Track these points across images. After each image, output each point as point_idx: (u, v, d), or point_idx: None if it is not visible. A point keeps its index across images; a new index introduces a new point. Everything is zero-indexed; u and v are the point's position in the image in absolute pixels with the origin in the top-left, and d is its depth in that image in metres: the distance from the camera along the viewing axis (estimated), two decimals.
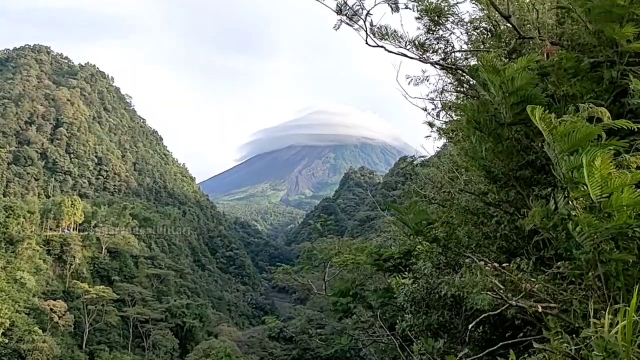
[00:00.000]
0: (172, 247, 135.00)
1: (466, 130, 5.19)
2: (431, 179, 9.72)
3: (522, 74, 4.14)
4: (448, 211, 6.84)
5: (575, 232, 3.34)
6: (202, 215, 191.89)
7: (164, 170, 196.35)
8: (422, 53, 7.04)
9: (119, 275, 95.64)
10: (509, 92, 4.25)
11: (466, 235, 6.19)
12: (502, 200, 5.39)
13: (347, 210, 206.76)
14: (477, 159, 5.14)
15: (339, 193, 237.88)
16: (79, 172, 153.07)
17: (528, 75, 4.16)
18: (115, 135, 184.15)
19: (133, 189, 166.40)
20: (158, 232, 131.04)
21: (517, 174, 4.90)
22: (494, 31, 7.17)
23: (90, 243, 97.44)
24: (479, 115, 4.74)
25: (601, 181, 3.05)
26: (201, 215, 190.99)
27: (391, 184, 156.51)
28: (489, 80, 4.29)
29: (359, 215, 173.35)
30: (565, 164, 3.32)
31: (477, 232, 5.95)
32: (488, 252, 5.76)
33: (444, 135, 9.75)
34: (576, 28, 5.13)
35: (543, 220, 3.89)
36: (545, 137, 3.40)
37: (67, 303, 77.55)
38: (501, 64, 4.21)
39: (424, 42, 7.06)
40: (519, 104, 4.30)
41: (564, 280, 3.84)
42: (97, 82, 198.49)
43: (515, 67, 4.13)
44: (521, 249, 5.11)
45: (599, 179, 3.05)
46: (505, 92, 4.26)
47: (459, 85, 8.34)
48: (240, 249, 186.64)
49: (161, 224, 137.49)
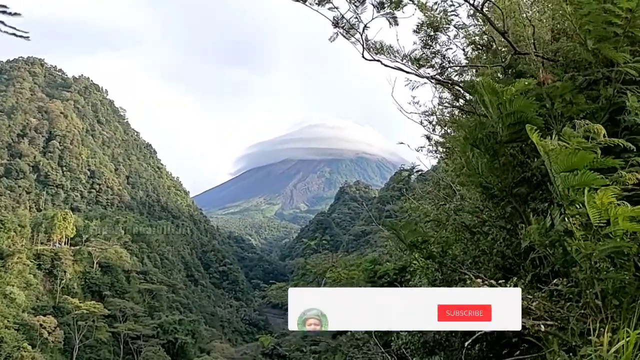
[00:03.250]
0: (165, 262, 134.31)
1: (462, 146, 5.21)
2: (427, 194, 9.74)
3: (520, 98, 4.19)
4: (444, 227, 6.84)
5: (572, 250, 3.36)
6: (195, 229, 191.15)
7: (158, 184, 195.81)
8: (418, 68, 7.10)
9: (110, 290, 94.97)
10: (506, 112, 4.29)
11: (462, 251, 6.19)
12: (498, 216, 5.40)
13: (342, 225, 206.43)
14: (473, 175, 5.16)
15: (334, 207, 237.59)
16: (71, 186, 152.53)
17: (526, 101, 4.20)
18: (108, 148, 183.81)
19: (126, 203, 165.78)
20: (151, 247, 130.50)
21: (513, 190, 4.91)
22: (490, 47, 7.23)
23: (82, 257, 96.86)
24: (475, 132, 4.77)
25: (601, 209, 3.12)
26: (195, 229, 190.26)
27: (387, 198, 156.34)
28: (488, 100, 4.32)
29: (354, 230, 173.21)
30: (562, 182, 3.35)
31: (473, 249, 5.95)
32: (484, 268, 5.75)
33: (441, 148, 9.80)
34: (572, 45, 5.18)
35: (540, 236, 3.89)
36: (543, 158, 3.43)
37: (57, 319, 76.93)
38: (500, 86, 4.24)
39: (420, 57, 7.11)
40: (515, 125, 4.34)
41: (561, 298, 3.83)
42: (91, 95, 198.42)
43: (513, 90, 4.17)
44: (517, 266, 5.11)
45: (599, 208, 3.12)
46: (503, 113, 4.30)
47: (455, 99, 8.39)
48: (234, 264, 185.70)
49: (154, 238, 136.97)
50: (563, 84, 4.66)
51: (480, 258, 5.89)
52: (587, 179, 3.22)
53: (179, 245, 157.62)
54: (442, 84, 7.88)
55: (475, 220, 6.12)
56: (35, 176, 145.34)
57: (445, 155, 9.71)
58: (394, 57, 6.87)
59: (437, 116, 9.15)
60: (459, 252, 6.26)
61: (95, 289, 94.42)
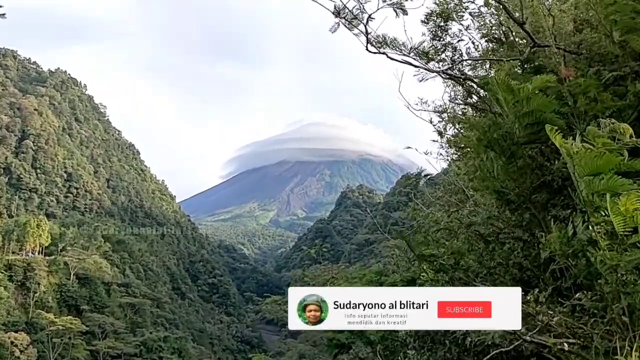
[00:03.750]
0: (149, 273, 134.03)
1: (476, 147, 5.21)
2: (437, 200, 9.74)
3: (538, 96, 4.18)
4: (455, 236, 6.85)
5: (597, 261, 3.36)
6: (182, 237, 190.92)
7: (141, 188, 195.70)
8: (426, 61, 7.10)
9: (88, 304, 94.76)
10: (523, 112, 4.29)
11: (476, 262, 6.19)
12: (516, 224, 5.40)
13: (343, 233, 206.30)
14: (487, 179, 5.16)
15: (334, 214, 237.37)
16: (46, 190, 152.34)
17: (544, 99, 4.20)
18: (87, 149, 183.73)
19: (106, 209, 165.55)
20: (133, 257, 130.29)
21: (532, 195, 4.92)
22: (507, 38, 7.24)
23: (57, 268, 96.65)
24: (490, 132, 4.77)
25: (627, 216, 3.11)
26: (181, 237, 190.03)
27: (393, 204, 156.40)
28: (502, 98, 4.33)
29: (357, 239, 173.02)
30: (585, 186, 3.35)
31: (487, 260, 5.95)
32: (500, 281, 5.75)
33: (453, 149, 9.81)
34: (596, 37, 5.18)
35: (561, 246, 3.89)
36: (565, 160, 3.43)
37: (30, 335, 76.70)
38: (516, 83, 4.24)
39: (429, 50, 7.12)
40: (533, 125, 4.34)
41: (584, 313, 3.83)
42: (68, 90, 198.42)
43: (530, 87, 4.16)
44: (537, 278, 5.11)
45: (623, 214, 3.12)
46: (519, 112, 4.30)
47: (468, 96, 8.40)
48: (225, 276, 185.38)
49: (137, 247, 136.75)
50: (587, 79, 4.66)
51: (495, 270, 5.89)
52: (613, 184, 3.22)
53: (165, 255, 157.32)
54: (453, 79, 7.89)
55: (490, 228, 6.12)
56: (7, 179, 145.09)
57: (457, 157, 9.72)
58: (401, 50, 6.88)
59: (448, 114, 9.17)
60: (472, 264, 6.26)
61: (72, 303, 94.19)
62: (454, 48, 7.65)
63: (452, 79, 7.86)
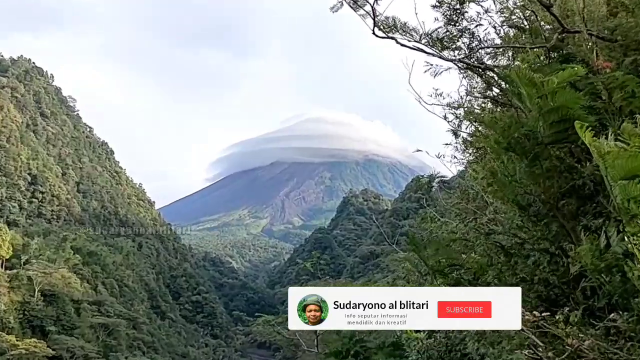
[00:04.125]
0: (124, 290, 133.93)
1: (496, 147, 5.20)
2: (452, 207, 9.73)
3: (566, 91, 4.16)
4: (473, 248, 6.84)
5: (634, 277, 3.35)
6: (162, 249, 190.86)
7: (115, 192, 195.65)
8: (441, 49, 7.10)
9: (55, 325, 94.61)
10: (548, 108, 4.27)
11: (495, 278, 6.18)
12: (541, 235, 5.39)
13: (345, 244, 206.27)
14: (509, 184, 5.15)
15: (335, 222, 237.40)
16: (7, 194, 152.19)
17: (572, 94, 4.18)
18: (54, 148, 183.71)
19: (75, 216, 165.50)
20: (106, 271, 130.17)
21: (559, 202, 4.91)
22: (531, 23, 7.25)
23: (20, 284, 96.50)
24: (511, 129, 4.77)
25: None
26: (161, 249, 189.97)
27: (402, 211, 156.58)
28: (525, 93, 4.31)
29: (361, 251, 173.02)
30: (620, 192, 3.33)
31: (509, 275, 5.94)
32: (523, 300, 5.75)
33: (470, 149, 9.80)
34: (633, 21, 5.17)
35: (593, 260, 3.89)
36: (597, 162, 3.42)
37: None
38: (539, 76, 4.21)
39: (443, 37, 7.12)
40: (560, 122, 4.32)
41: (619, 336, 3.83)
42: (33, 81, 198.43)
43: (556, 80, 4.13)
44: (565, 296, 5.10)
45: None
46: (544, 108, 4.28)
47: (487, 88, 8.40)
48: (211, 293, 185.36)
49: (111, 260, 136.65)
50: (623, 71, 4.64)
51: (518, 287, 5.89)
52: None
53: (142, 269, 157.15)
54: (471, 69, 7.89)
55: (512, 240, 6.12)
56: None
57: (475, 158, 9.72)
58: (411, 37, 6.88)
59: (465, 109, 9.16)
60: (491, 279, 6.26)
61: (37, 324, 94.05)
62: (471, 34, 7.65)
63: (470, 69, 7.86)
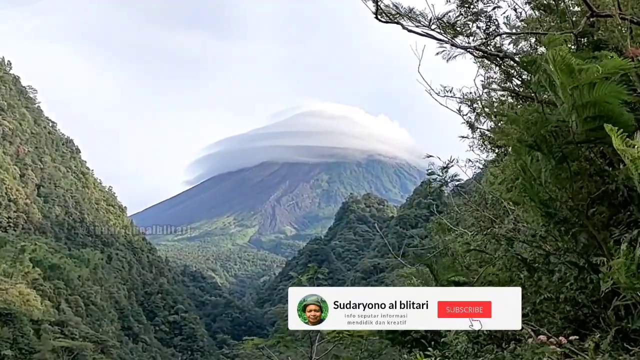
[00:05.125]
0: (91, 309, 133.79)
1: (517, 146, 5.21)
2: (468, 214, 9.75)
3: (605, 83, 4.12)
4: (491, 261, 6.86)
5: None
6: (135, 261, 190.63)
7: (82, 197, 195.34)
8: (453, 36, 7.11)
9: (12, 348, 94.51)
10: (584, 101, 4.25)
11: None
12: (568, 247, 5.41)
13: (345, 257, 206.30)
14: (532, 188, 5.16)
15: (334, 231, 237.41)
16: None
17: (613, 87, 4.14)
18: (11, 145, 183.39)
19: (35, 223, 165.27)
20: (71, 286, 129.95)
21: (589, 209, 4.92)
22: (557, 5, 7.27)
23: None
24: (537, 126, 4.77)
25: None
26: (134, 261, 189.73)
27: (409, 218, 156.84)
28: (559, 82, 4.30)
29: (363, 264, 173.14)
30: None
31: (532, 293, 5.96)
32: (547, 320, 5.77)
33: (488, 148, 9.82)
34: None
35: (627, 276, 3.90)
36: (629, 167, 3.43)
37: None
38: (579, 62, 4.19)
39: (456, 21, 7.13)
40: (596, 118, 4.30)
41: None
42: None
43: (598, 70, 4.09)
44: (595, 317, 5.13)
45: None
46: (579, 101, 4.26)
47: (507, 79, 8.43)
48: (190, 312, 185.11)
49: (75, 274, 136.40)
50: None
51: (542, 306, 5.91)
52: None
53: (112, 285, 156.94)
54: (488, 58, 7.92)
55: (535, 252, 6.13)
56: None
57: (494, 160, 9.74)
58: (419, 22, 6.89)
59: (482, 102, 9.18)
60: None
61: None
62: (488, 18, 7.67)
63: (486, 58, 7.88)
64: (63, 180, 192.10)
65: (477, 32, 7.51)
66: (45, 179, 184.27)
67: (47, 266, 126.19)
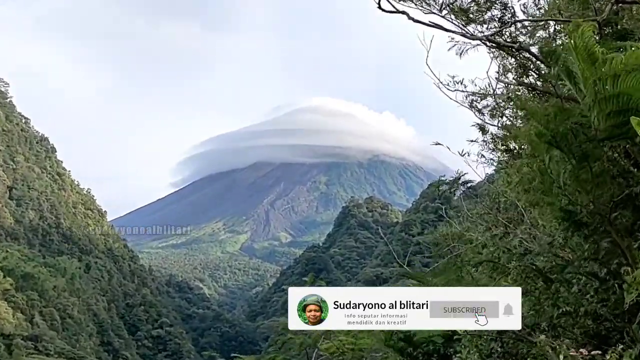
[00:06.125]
0: (67, 322, 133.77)
1: (534, 144, 5.21)
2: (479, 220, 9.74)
3: (632, 75, 4.09)
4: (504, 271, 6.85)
5: None
6: (116, 271, 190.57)
7: (57, 200, 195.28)
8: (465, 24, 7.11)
9: None
10: (607, 94, 4.22)
11: (532, 309, 6.19)
12: (588, 255, 5.41)
13: (345, 266, 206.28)
14: (550, 190, 5.16)
15: (333, 238, 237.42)
16: None
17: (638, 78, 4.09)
18: None
19: (7, 229, 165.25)
20: (45, 298, 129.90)
21: (611, 213, 4.92)
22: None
23: None
24: (556, 122, 4.76)
25: None
26: (115, 271, 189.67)
27: (416, 224, 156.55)
28: (580, 74, 4.28)
29: (365, 274, 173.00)
30: None
31: (549, 306, 5.96)
32: (567, 335, 5.76)
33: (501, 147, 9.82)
34: None
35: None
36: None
37: None
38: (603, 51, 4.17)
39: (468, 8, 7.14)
40: (620, 113, 4.27)
41: None
42: None
43: (625, 60, 4.06)
44: (618, 332, 5.12)
45: None
46: (601, 94, 4.24)
47: (523, 72, 8.43)
48: (176, 326, 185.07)
49: (51, 284, 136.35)
50: None
51: (560, 320, 5.90)
52: None
53: (90, 296, 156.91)
54: (502, 49, 7.92)
55: (553, 261, 6.13)
56: None
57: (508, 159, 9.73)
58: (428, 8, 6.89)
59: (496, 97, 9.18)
60: (527, 311, 6.27)
61: None
62: (503, 5, 7.68)
63: (501, 48, 7.89)
64: (37, 182, 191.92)
65: (491, 21, 7.51)
66: (17, 180, 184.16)
67: (20, 275, 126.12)
